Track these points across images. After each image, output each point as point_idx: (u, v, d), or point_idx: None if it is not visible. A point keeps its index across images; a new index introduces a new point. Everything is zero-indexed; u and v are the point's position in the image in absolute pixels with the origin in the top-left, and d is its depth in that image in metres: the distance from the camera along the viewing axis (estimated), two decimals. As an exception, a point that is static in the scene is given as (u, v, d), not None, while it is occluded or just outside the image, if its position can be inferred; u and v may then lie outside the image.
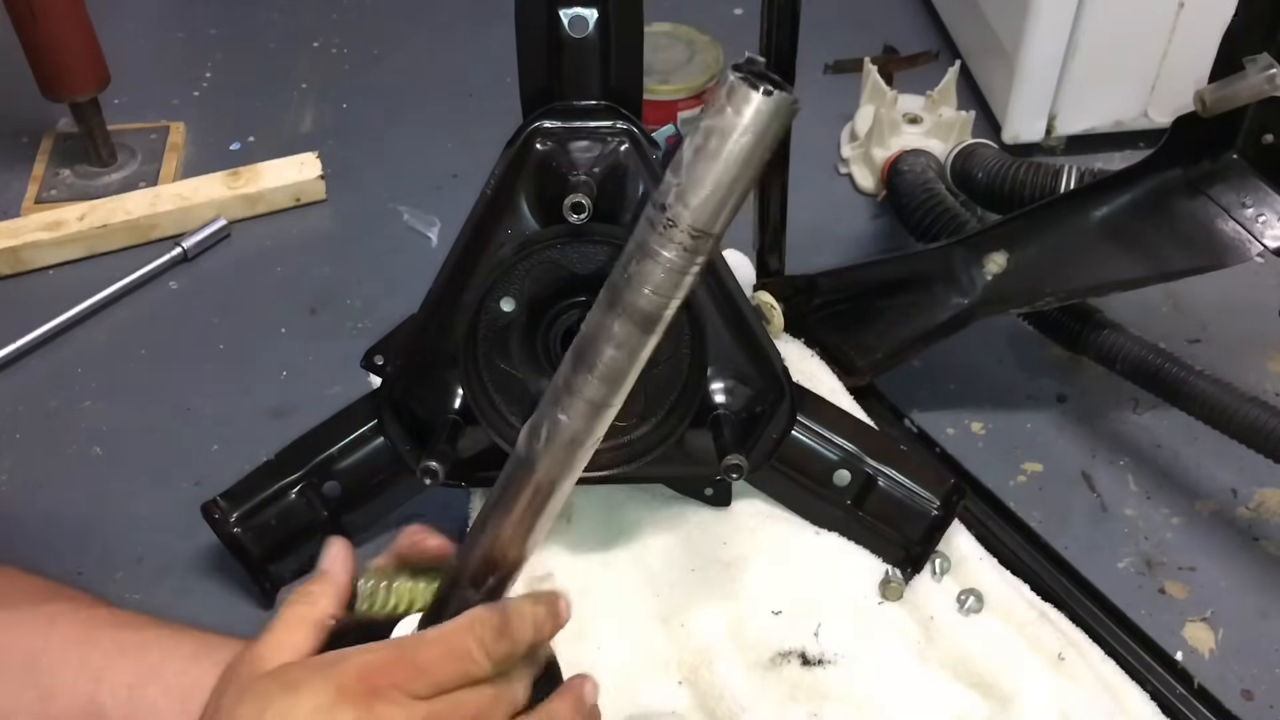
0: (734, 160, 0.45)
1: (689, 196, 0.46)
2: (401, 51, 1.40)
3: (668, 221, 0.46)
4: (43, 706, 0.64)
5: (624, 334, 0.49)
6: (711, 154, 0.45)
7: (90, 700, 0.64)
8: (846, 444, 0.81)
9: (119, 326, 1.07)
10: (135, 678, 0.64)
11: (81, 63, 1.12)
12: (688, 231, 0.46)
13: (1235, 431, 0.82)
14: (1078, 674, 0.76)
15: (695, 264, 0.48)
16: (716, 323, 0.76)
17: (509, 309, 0.73)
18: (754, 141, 0.45)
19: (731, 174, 0.45)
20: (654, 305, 0.49)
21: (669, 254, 0.47)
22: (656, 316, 0.49)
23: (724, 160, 0.45)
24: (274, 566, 0.84)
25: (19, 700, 0.65)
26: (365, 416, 0.82)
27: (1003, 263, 0.89)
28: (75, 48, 1.11)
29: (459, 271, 0.74)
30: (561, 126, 0.72)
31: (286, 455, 0.83)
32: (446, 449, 0.75)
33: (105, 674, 0.64)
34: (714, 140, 0.45)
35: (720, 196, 0.46)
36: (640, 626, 0.80)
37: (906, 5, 1.45)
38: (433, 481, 0.73)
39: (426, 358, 0.77)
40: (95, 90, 1.15)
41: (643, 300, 0.48)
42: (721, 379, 0.78)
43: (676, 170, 0.46)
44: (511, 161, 0.72)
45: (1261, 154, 0.82)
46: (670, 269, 0.47)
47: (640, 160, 0.73)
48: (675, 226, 0.46)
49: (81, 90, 1.14)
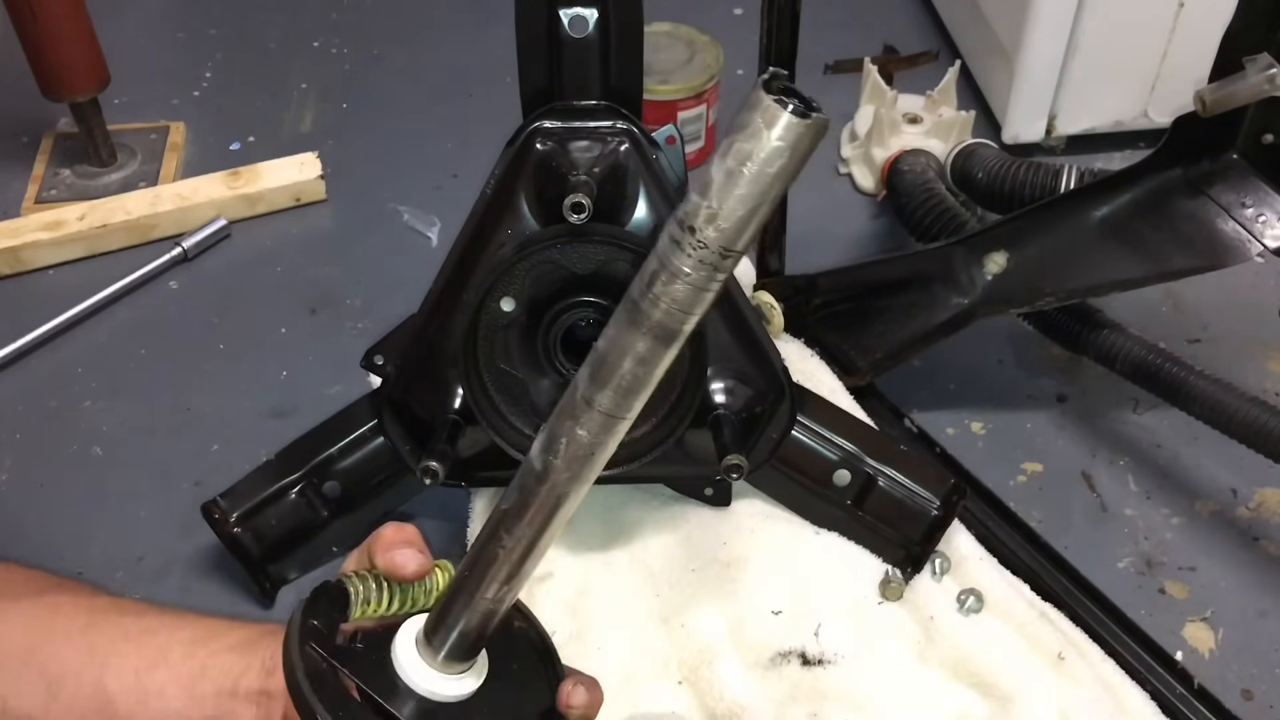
0: (767, 183, 0.45)
1: (720, 220, 0.46)
2: (401, 51, 1.40)
3: (698, 244, 0.46)
4: (50, 695, 0.64)
5: (646, 350, 0.50)
6: (746, 179, 0.45)
7: (97, 687, 0.63)
8: (846, 444, 0.81)
9: (119, 326, 1.07)
10: (141, 662, 0.64)
11: (81, 63, 1.12)
12: (718, 252, 0.46)
13: (1235, 431, 0.82)
14: (1077, 674, 0.76)
15: (719, 279, 0.48)
16: (716, 323, 0.76)
17: (509, 309, 0.73)
18: (788, 164, 0.45)
19: (764, 197, 0.45)
20: (677, 321, 0.49)
21: (696, 273, 0.47)
22: (679, 331, 0.49)
23: (758, 184, 0.45)
24: (274, 566, 0.84)
25: (26, 690, 0.65)
26: (365, 417, 0.82)
27: (1003, 263, 0.89)
28: (75, 48, 1.11)
29: (459, 271, 0.74)
30: (561, 126, 0.72)
31: (286, 455, 0.83)
32: (446, 449, 0.75)
33: (111, 660, 0.64)
34: (748, 164, 0.45)
35: (751, 218, 0.46)
36: (640, 626, 0.80)
37: (906, 5, 1.45)
38: (432, 482, 0.73)
39: (426, 358, 0.77)
40: (95, 90, 1.15)
41: (667, 318, 0.48)
42: (722, 379, 0.78)
43: (705, 193, 0.46)
44: (511, 161, 0.72)
45: (1261, 154, 0.82)
46: (696, 286, 0.48)
47: (640, 160, 0.73)
48: (706, 248, 0.46)
49: (81, 90, 1.14)
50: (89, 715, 0.64)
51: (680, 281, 0.47)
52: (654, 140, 0.74)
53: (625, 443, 0.75)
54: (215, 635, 0.65)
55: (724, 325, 0.76)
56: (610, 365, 0.50)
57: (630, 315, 0.49)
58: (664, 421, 0.76)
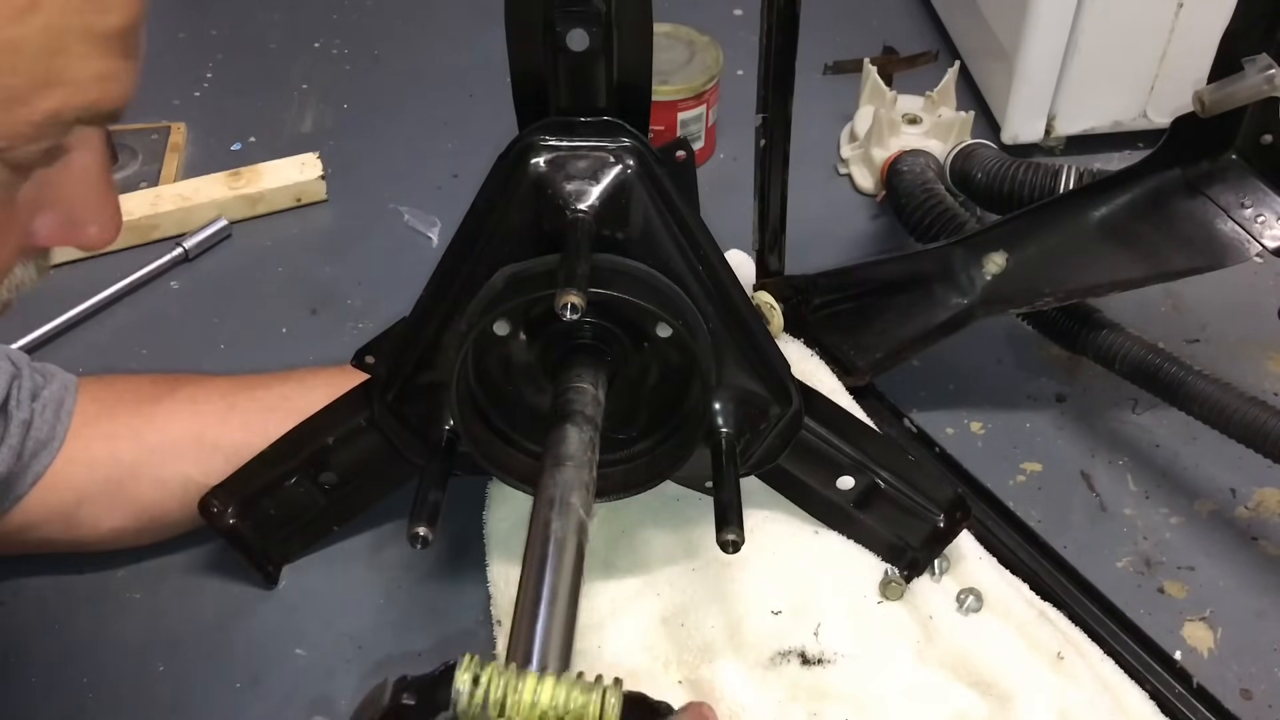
0: None
1: None
2: (401, 51, 1.40)
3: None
4: (230, 466, 0.80)
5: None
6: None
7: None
8: (852, 450, 0.80)
9: (120, 326, 1.07)
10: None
11: (82, 63, 1.12)
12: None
13: (1234, 431, 0.82)
14: (1077, 673, 0.76)
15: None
16: (723, 338, 0.73)
17: (503, 333, 0.71)
18: None
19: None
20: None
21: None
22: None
23: None
24: (275, 550, 0.85)
25: (213, 466, 0.81)
26: (359, 408, 0.80)
27: (1002, 263, 0.89)
28: (76, 48, 1.11)
29: (448, 286, 0.71)
30: (559, 143, 0.66)
31: (281, 446, 0.81)
32: (436, 498, 0.71)
33: (269, 429, 0.80)
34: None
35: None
36: (640, 626, 0.80)
37: (906, 5, 1.45)
38: (422, 546, 0.69)
39: (418, 372, 0.75)
40: (96, 90, 1.15)
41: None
42: (726, 398, 0.76)
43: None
44: (504, 180, 0.67)
45: (1260, 154, 0.82)
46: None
47: (647, 183, 0.67)
48: None
49: (82, 90, 1.14)
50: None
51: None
52: (661, 158, 0.68)
53: (625, 470, 0.76)
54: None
55: (729, 340, 0.73)
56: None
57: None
58: (666, 452, 0.75)
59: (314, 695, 0.79)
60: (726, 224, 0.79)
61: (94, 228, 0.53)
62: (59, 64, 0.45)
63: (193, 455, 0.82)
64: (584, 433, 0.65)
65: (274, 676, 0.80)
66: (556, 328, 0.71)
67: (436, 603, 0.84)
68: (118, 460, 0.81)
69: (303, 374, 0.88)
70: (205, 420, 0.83)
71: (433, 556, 0.87)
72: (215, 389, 0.86)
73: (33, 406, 0.78)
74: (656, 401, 0.75)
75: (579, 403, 0.67)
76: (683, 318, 0.68)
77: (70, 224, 0.53)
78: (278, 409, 0.82)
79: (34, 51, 0.44)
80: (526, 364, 0.73)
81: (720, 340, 0.72)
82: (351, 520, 0.86)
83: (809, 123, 1.14)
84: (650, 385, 0.75)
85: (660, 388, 0.75)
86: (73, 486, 0.79)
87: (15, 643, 0.82)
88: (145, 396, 0.84)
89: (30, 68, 0.45)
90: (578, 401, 0.67)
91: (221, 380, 0.87)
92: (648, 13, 0.66)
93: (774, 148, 0.90)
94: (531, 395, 0.75)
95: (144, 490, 0.82)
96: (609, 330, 0.71)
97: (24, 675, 0.80)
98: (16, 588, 0.85)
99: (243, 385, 0.86)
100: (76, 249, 0.65)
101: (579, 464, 0.63)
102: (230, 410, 0.84)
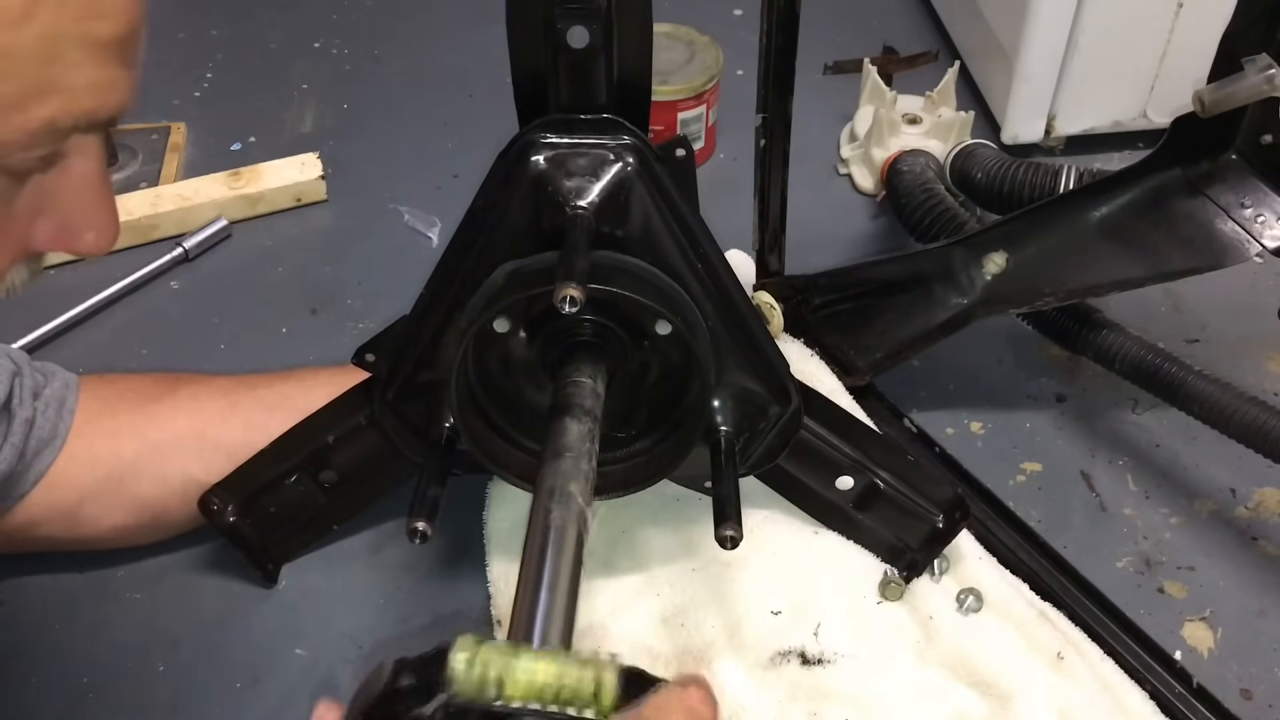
0: None
1: None
2: (401, 52, 1.40)
3: None
4: (232, 463, 0.81)
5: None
6: None
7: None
8: (851, 450, 0.80)
9: (120, 326, 1.07)
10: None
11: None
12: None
13: (1234, 431, 0.82)
14: (1077, 673, 0.76)
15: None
16: (722, 338, 0.73)
17: (503, 330, 0.71)
18: None
19: None
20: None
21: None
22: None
23: None
24: (275, 549, 0.85)
25: (214, 464, 0.81)
26: (359, 406, 0.80)
27: (1002, 263, 0.89)
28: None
29: (448, 284, 0.71)
30: (559, 141, 0.67)
31: (281, 445, 0.81)
32: (435, 494, 0.72)
33: (270, 427, 0.80)
34: None
35: None
36: (640, 626, 0.80)
37: (906, 5, 1.45)
38: (421, 541, 0.69)
39: (418, 370, 0.75)
40: (96, 90, 1.15)
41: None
42: (726, 396, 0.76)
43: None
44: (504, 177, 0.67)
45: (1260, 154, 0.82)
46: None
47: (646, 180, 0.67)
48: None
49: (82, 90, 1.14)
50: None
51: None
52: (660, 156, 0.68)
53: (642, 461, 0.76)
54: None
55: (728, 339, 0.73)
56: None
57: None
58: (665, 450, 0.75)
59: (314, 695, 0.79)
60: (726, 224, 0.79)
61: (91, 234, 0.53)
62: (55, 71, 0.45)
63: (195, 453, 0.82)
64: (583, 425, 0.65)
65: (274, 676, 0.80)
66: (556, 325, 0.71)
67: (436, 603, 0.84)
68: (120, 458, 0.81)
69: (304, 373, 0.88)
70: (207, 418, 0.83)
71: (433, 556, 0.87)
72: (217, 387, 0.86)
73: (35, 405, 0.78)
74: (656, 400, 0.75)
75: (578, 396, 0.67)
76: (682, 315, 0.68)
77: (67, 230, 0.53)
78: (279, 407, 0.82)
79: (30, 59, 0.44)
80: (526, 361, 0.73)
81: (719, 339, 0.72)
82: (352, 519, 0.86)
83: (809, 123, 1.15)
84: (650, 383, 0.75)
85: (660, 386, 0.75)
86: (75, 484, 0.80)
87: (15, 643, 0.82)
88: (147, 395, 0.84)
89: (26, 75, 0.45)
90: (577, 395, 0.67)
91: (223, 379, 0.88)
92: (648, 10, 0.66)
93: (774, 148, 0.90)
94: (531, 393, 0.75)
95: (146, 488, 0.82)
96: (608, 327, 0.71)
97: (24, 675, 0.80)
98: (16, 588, 0.85)
99: (244, 384, 0.87)
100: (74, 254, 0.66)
101: (578, 455, 0.63)
102: (232, 408, 0.84)
